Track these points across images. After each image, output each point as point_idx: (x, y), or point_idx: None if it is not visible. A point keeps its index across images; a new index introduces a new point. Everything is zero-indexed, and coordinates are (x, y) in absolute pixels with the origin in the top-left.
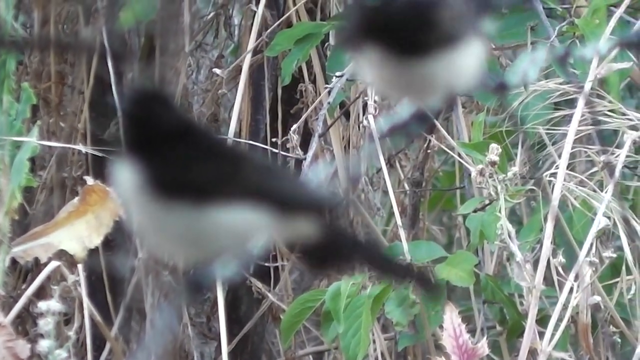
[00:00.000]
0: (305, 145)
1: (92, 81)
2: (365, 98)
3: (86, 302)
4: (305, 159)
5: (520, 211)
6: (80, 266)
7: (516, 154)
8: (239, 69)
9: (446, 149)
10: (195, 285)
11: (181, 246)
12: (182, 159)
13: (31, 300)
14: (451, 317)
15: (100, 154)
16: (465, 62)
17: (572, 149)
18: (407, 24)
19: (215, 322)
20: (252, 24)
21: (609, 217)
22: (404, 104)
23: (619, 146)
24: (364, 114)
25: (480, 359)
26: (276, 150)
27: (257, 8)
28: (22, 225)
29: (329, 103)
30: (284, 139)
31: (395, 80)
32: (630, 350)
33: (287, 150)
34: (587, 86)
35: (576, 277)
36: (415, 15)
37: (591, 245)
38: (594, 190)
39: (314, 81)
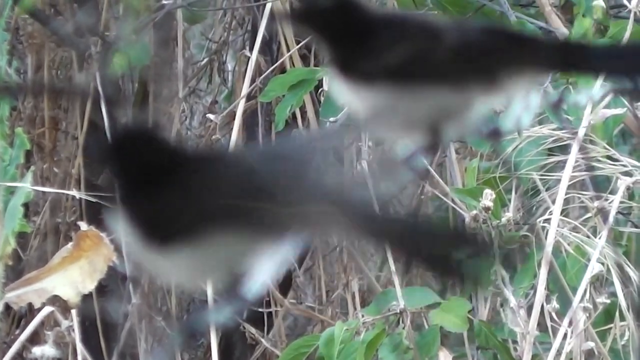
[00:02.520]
0: None
1: (86, 126)
2: (359, 143)
3: (80, 347)
4: None
5: (514, 257)
6: (73, 312)
7: (510, 200)
8: (232, 115)
9: (440, 194)
10: (188, 331)
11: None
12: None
13: (25, 345)
14: None
15: (94, 200)
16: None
17: (565, 194)
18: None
19: None
20: (245, 70)
21: (602, 263)
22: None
23: (613, 192)
24: (357, 160)
25: None
26: None
27: (251, 54)
28: (16, 270)
29: None
30: None
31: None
32: None
33: None
34: (581, 132)
35: (570, 323)
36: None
37: (585, 291)
38: (588, 236)
39: (307, 127)
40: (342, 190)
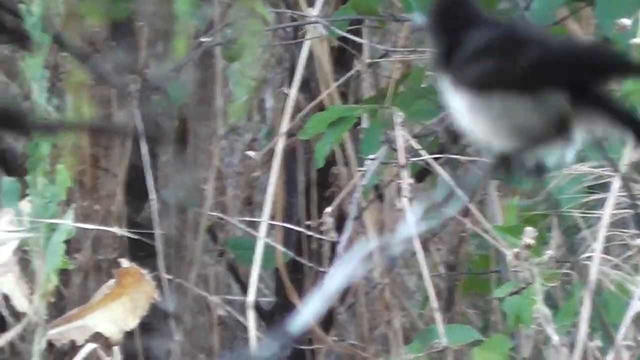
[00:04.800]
0: (339, 228)
1: (126, 164)
2: (399, 181)
3: None
4: (339, 242)
5: (556, 295)
6: (116, 349)
7: (550, 238)
8: (272, 152)
9: (481, 232)
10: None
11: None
12: None
13: None
14: None
15: (135, 237)
16: None
17: (607, 232)
18: None
19: None
20: (284, 107)
21: None
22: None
23: None
24: (398, 197)
25: None
26: (310, 233)
27: (290, 91)
28: (58, 307)
29: (362, 186)
30: (318, 221)
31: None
32: None
33: (322, 233)
34: (622, 169)
35: None
36: None
37: (627, 328)
38: (630, 274)
39: (347, 164)
40: None
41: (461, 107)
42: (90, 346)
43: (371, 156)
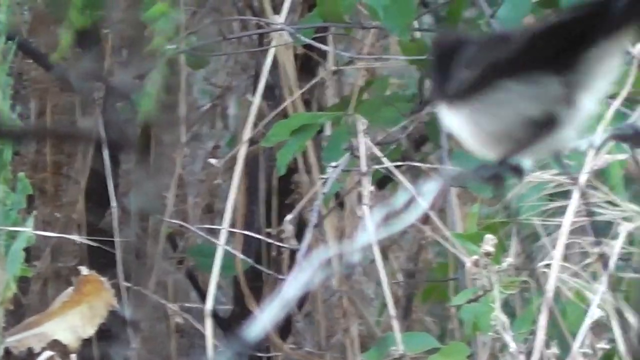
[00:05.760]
0: (300, 235)
1: (88, 171)
2: (360, 189)
3: None
4: (299, 249)
5: (514, 302)
6: (73, 356)
7: (510, 245)
8: (234, 160)
9: (440, 240)
10: None
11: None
12: None
13: None
14: None
15: (95, 244)
16: None
17: (566, 240)
18: None
19: None
20: (248, 115)
21: (602, 309)
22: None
23: (613, 238)
24: (359, 205)
25: None
26: (270, 241)
27: (254, 99)
28: (17, 315)
29: (323, 193)
30: (278, 229)
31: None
32: None
33: (282, 240)
34: (582, 178)
35: None
36: None
37: (585, 336)
38: (588, 282)
39: (309, 172)
40: None
41: (459, 122)
42: (48, 354)
43: (333, 164)
